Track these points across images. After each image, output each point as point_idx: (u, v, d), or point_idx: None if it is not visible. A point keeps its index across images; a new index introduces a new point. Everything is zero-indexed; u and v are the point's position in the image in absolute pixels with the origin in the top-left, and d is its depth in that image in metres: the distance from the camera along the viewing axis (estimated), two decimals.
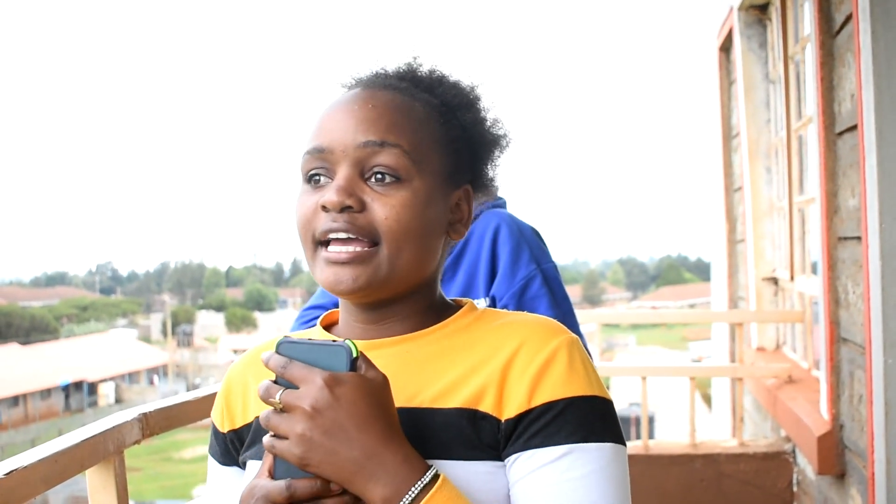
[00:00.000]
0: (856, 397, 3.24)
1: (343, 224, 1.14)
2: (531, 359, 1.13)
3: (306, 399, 1.02)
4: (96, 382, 54.99)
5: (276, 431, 1.04)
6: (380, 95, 1.20)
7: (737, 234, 6.54)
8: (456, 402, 1.13)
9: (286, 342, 1.06)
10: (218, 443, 1.31)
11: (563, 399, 1.11)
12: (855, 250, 3.20)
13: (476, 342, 1.19)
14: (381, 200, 1.14)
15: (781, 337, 5.55)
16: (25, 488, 1.70)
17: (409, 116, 1.19)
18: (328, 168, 1.17)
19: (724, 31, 6.30)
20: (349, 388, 1.03)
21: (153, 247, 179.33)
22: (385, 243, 1.14)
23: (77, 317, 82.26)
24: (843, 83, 3.32)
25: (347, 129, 1.16)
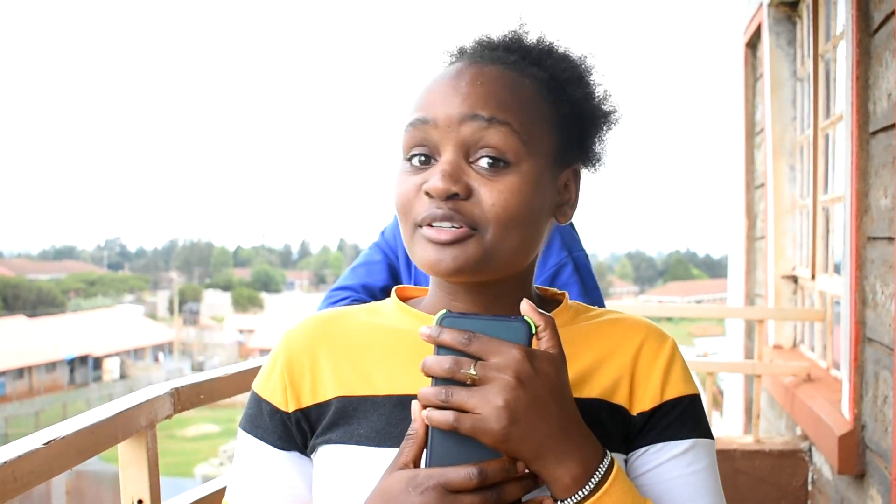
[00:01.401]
0: (880, 398, 3.23)
1: (447, 212, 1.08)
2: (656, 356, 1.16)
3: (508, 370, 0.95)
4: (101, 357, 55.16)
5: (464, 407, 0.94)
6: (487, 72, 1.13)
7: (756, 231, 6.52)
8: (594, 391, 1.13)
9: (451, 316, 0.99)
10: (275, 424, 1.18)
11: (687, 395, 1.16)
12: (885, 251, 3.18)
13: (591, 335, 1.18)
14: (488, 186, 1.08)
15: (799, 335, 5.53)
16: (62, 459, 1.70)
17: (518, 94, 1.12)
18: (431, 145, 1.11)
19: (751, 27, 6.26)
20: (546, 361, 0.98)
21: (162, 224, 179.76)
22: (490, 230, 1.09)
23: (84, 291, 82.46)
24: (878, 82, 3.29)
25: (453, 103, 1.10)
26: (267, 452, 1.19)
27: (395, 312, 1.23)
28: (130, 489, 2.03)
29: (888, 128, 3.13)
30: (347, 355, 1.18)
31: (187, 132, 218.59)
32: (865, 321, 3.44)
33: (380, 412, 1.13)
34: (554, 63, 1.18)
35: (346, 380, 1.16)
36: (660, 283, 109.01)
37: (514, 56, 1.16)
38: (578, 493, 0.98)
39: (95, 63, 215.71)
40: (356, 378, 1.16)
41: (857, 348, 3.49)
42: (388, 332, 1.20)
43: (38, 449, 1.61)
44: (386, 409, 1.13)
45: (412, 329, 1.13)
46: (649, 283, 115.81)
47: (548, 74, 1.17)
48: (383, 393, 1.14)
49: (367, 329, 1.21)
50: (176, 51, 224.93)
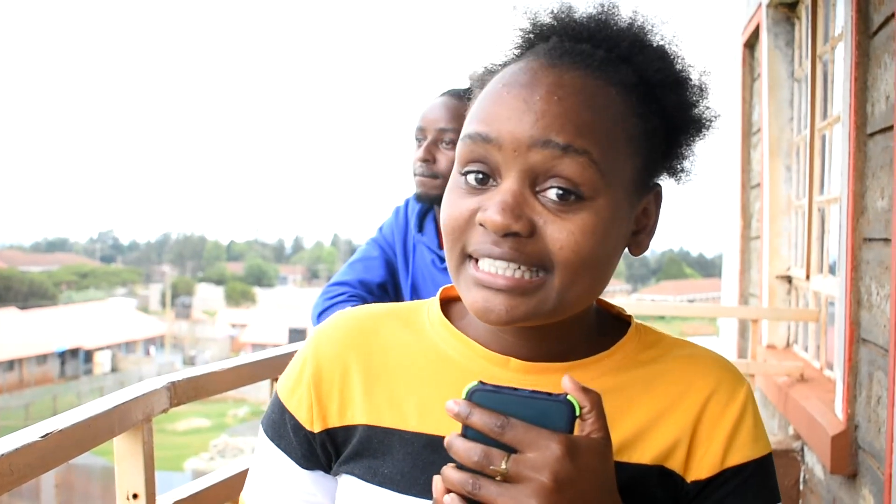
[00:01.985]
0: (874, 398, 3.23)
1: (506, 251, 0.92)
2: (723, 412, 1.01)
3: (545, 470, 0.81)
4: (93, 350, 55.05)
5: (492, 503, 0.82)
6: (567, 81, 0.93)
7: (751, 231, 6.53)
8: (645, 456, 0.99)
9: (482, 390, 0.85)
10: (299, 441, 1.08)
11: (753, 461, 1.01)
12: (881, 252, 3.19)
13: (655, 379, 1.03)
14: (556, 224, 0.92)
15: (792, 335, 5.54)
16: (60, 451, 1.70)
17: (602, 112, 0.93)
18: (492, 165, 0.94)
19: (750, 27, 6.27)
20: (589, 455, 0.84)
21: (155, 217, 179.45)
22: (558, 274, 0.93)
23: (76, 284, 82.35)
24: (877, 84, 3.30)
25: (523, 123, 0.92)
26: (290, 468, 1.09)
27: (438, 328, 1.09)
28: (126, 483, 2.03)
29: (886, 129, 3.13)
30: (380, 375, 1.06)
31: (182, 125, 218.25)
32: (860, 322, 3.44)
33: (407, 451, 1.01)
34: (646, 61, 0.98)
35: (376, 405, 1.05)
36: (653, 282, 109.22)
37: (601, 51, 0.97)
38: None
39: (89, 56, 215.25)
40: (387, 405, 1.04)
41: (851, 349, 3.50)
42: (429, 354, 1.06)
43: (34, 442, 1.61)
44: (414, 449, 1.01)
45: (455, 356, 1.04)
46: (642, 282, 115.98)
47: (638, 76, 0.98)
48: (413, 429, 1.02)
49: (406, 345, 1.08)
50: (170, 44, 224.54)
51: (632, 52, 0.98)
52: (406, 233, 2.76)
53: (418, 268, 2.70)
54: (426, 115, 2.55)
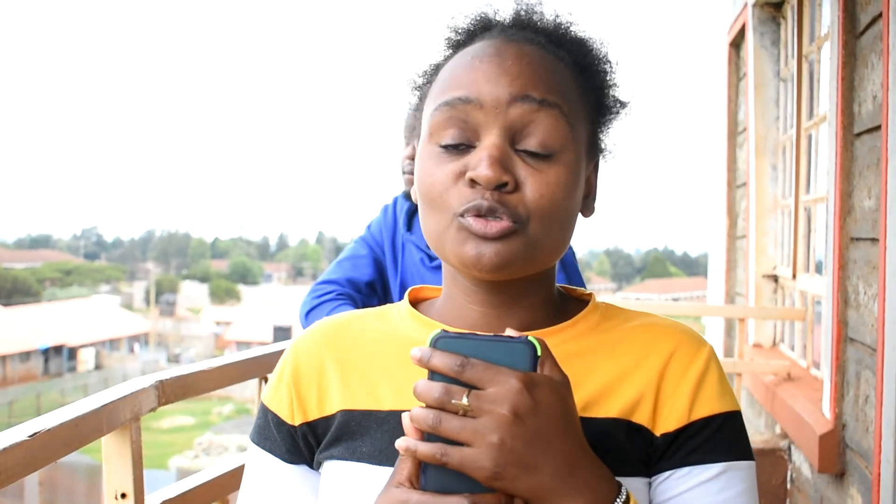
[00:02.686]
0: (861, 397, 3.24)
1: (494, 204, 0.98)
2: (686, 368, 1.05)
3: (504, 403, 0.84)
4: (76, 347, 54.79)
5: (455, 437, 0.85)
6: (529, 51, 1.04)
7: (737, 230, 6.55)
8: (611, 411, 1.03)
9: (446, 336, 0.89)
10: (283, 437, 1.12)
11: (720, 414, 1.04)
12: (868, 251, 3.20)
13: (616, 344, 1.08)
14: (536, 177, 1.00)
15: (779, 334, 5.56)
16: (47, 451, 1.69)
17: (561, 76, 1.04)
18: (471, 128, 1.02)
19: (736, 26, 6.29)
20: (547, 390, 0.87)
21: (139, 214, 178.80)
22: (533, 224, 1.01)
23: (60, 281, 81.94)
24: (864, 84, 3.31)
25: (501, 83, 1.00)
26: (275, 466, 1.13)
27: (406, 318, 1.15)
28: (114, 483, 2.02)
29: (873, 129, 3.14)
30: (354, 365, 1.12)
31: (166, 122, 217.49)
32: (847, 321, 3.45)
33: (383, 429, 1.06)
34: (574, 47, 1.10)
35: (352, 392, 1.10)
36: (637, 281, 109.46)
37: (541, 37, 1.08)
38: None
39: (74, 52, 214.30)
40: (361, 391, 1.09)
41: (838, 348, 3.51)
42: (397, 340, 1.12)
43: (23, 441, 1.60)
44: (390, 427, 1.05)
45: (421, 339, 1.07)
46: (627, 281, 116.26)
47: (571, 58, 1.09)
48: (388, 408, 1.07)
49: (376, 337, 1.14)
50: (154, 41, 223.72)
51: (562, 39, 1.09)
52: (395, 231, 2.76)
53: (407, 266, 2.70)
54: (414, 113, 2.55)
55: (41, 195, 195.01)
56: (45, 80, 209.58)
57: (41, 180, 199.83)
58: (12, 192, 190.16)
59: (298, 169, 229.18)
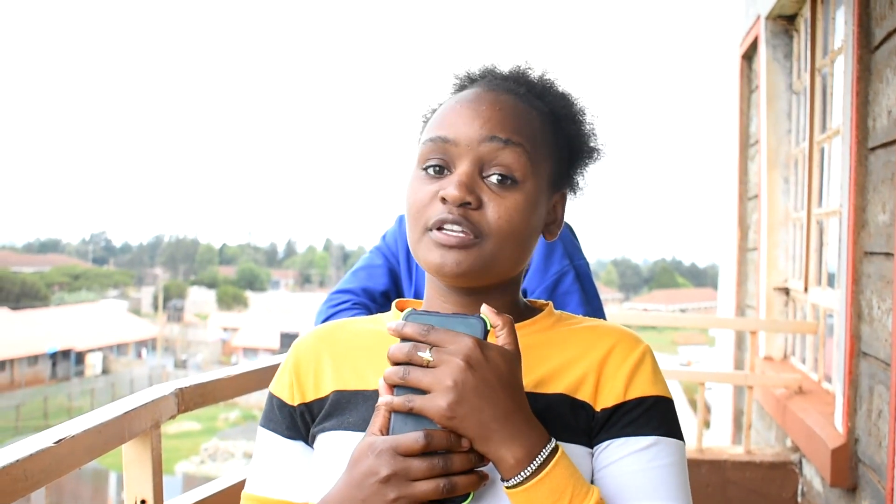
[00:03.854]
0: (874, 412, 3.25)
1: (458, 217, 1.20)
2: (624, 357, 1.24)
3: (459, 354, 1.06)
4: (84, 352, 54.85)
5: (417, 384, 1.07)
6: (503, 99, 1.26)
7: (748, 243, 6.55)
8: (557, 388, 1.23)
9: (415, 313, 1.11)
10: (283, 416, 1.32)
11: (652, 396, 1.23)
12: (882, 266, 3.21)
13: (567, 339, 1.29)
14: (496, 201, 1.21)
15: (790, 347, 5.56)
16: (71, 458, 1.70)
17: (529, 121, 1.26)
18: (448, 160, 1.24)
19: (748, 39, 6.29)
20: (497, 353, 1.09)
21: (148, 219, 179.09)
22: (491, 240, 1.21)
23: (68, 285, 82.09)
24: (878, 98, 3.32)
25: (473, 125, 1.23)
26: (278, 442, 1.32)
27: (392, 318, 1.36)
28: (134, 489, 2.03)
29: (888, 144, 3.15)
30: (347, 356, 1.32)
31: (176, 128, 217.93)
32: (861, 335, 3.46)
33: (369, 403, 1.24)
34: (554, 99, 1.32)
35: (343, 376, 1.30)
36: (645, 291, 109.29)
37: (522, 88, 1.30)
38: (521, 473, 1.08)
39: (84, 56, 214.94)
40: (352, 375, 1.29)
41: (851, 362, 3.51)
42: (384, 336, 1.26)
43: (48, 448, 1.61)
44: (374, 401, 1.21)
45: None
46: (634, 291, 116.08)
47: (549, 109, 1.31)
48: (373, 388, 1.24)
49: (367, 334, 1.35)
50: (164, 47, 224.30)
51: (544, 93, 1.32)
52: None
53: (421, 276, 2.70)
54: None
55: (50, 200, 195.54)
56: (55, 84, 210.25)
57: (50, 185, 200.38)
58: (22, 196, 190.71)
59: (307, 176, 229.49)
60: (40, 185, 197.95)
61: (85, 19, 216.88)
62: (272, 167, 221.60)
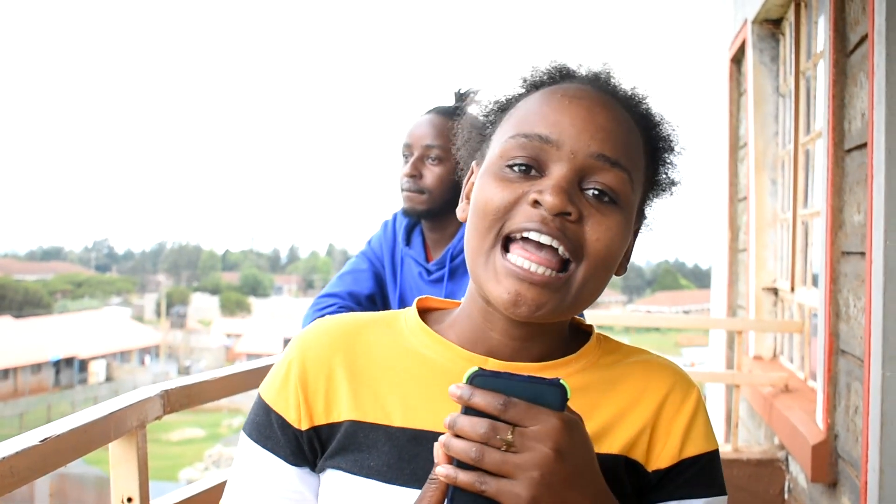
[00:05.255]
0: (852, 408, 3.31)
1: (554, 229, 1.03)
2: (678, 409, 1.13)
3: (548, 440, 0.89)
4: (87, 359, 54.92)
5: (496, 470, 0.89)
6: (617, 112, 1.10)
7: (739, 244, 6.61)
8: (613, 447, 1.09)
9: (482, 375, 0.92)
10: (287, 439, 1.13)
11: (706, 453, 1.12)
12: (858, 265, 3.27)
13: (616, 381, 1.15)
14: (596, 218, 1.05)
15: (779, 346, 5.62)
16: (57, 456, 1.77)
17: (635, 144, 1.10)
18: (541, 161, 1.06)
19: (736, 42, 6.36)
20: (582, 431, 0.94)
21: (150, 226, 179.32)
22: (585, 264, 1.05)
23: (71, 293, 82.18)
24: (854, 101, 3.38)
25: (584, 130, 1.05)
26: (278, 466, 1.14)
27: (417, 334, 1.17)
28: (120, 487, 2.10)
29: (862, 146, 3.22)
30: (364, 375, 1.13)
31: (177, 134, 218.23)
32: (839, 333, 3.52)
33: (392, 444, 1.08)
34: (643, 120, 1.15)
35: (361, 403, 1.12)
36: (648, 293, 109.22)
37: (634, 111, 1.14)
38: None
39: (85, 63, 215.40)
40: (371, 403, 1.11)
41: (830, 360, 3.58)
42: (410, 356, 1.14)
43: (34, 446, 1.68)
44: (399, 443, 1.08)
45: (436, 357, 1.13)
46: (637, 293, 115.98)
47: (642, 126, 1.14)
48: (398, 424, 1.09)
49: (387, 348, 1.16)
50: (165, 53, 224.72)
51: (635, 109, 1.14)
52: (394, 246, 2.83)
53: (406, 280, 2.77)
54: (413, 131, 2.62)
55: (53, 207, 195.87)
56: (56, 92, 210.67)
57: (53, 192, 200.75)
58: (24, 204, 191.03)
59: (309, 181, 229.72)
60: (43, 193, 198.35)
61: (83, 24, 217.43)
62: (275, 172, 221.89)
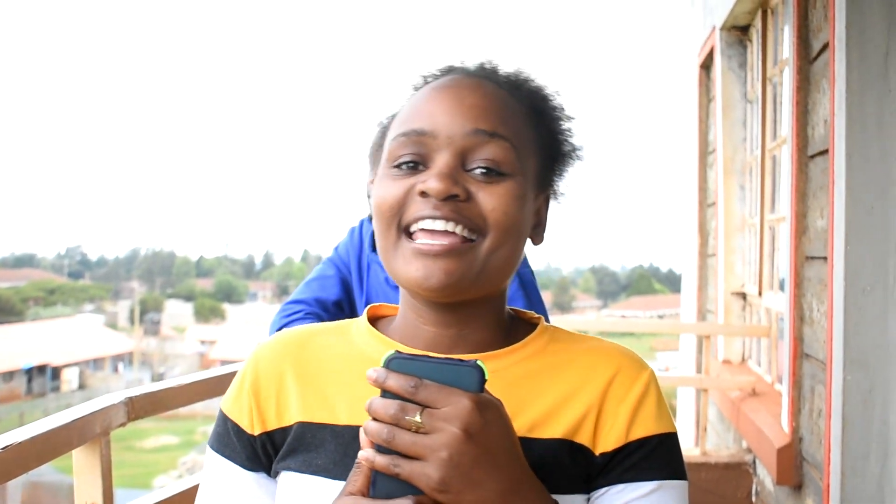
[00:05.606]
0: (815, 411, 3.35)
1: (447, 213, 1.06)
2: (626, 391, 1.12)
3: (456, 421, 0.90)
4: (60, 367, 54.47)
5: (406, 451, 0.91)
6: (485, 85, 1.13)
7: (708, 249, 6.67)
8: (556, 431, 1.09)
9: (400, 358, 0.94)
10: (242, 445, 1.17)
11: (656, 435, 1.11)
12: (821, 269, 3.31)
13: (563, 367, 1.14)
14: (487, 190, 1.07)
15: (747, 351, 5.67)
16: (19, 463, 1.77)
17: (514, 111, 1.13)
18: (424, 155, 1.09)
19: (705, 49, 6.42)
20: (496, 413, 0.94)
21: (124, 232, 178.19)
22: (490, 235, 1.07)
23: (44, 300, 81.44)
24: (817, 108, 3.43)
25: (456, 114, 1.09)
26: (235, 473, 1.17)
27: (364, 336, 1.20)
28: (84, 494, 2.11)
29: (825, 152, 3.26)
30: (313, 380, 1.16)
31: (151, 140, 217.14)
32: (803, 337, 3.57)
33: (338, 442, 1.10)
34: (531, 93, 1.18)
35: (309, 405, 1.14)
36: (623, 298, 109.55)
37: (502, 78, 1.18)
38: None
39: (57, 67, 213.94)
40: (319, 404, 1.14)
41: (794, 363, 3.62)
42: (354, 357, 1.17)
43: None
44: (345, 440, 1.10)
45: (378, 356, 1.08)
46: (612, 298, 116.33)
47: (528, 102, 1.17)
48: (343, 423, 1.11)
49: (335, 353, 1.18)
50: (138, 60, 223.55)
51: (520, 85, 1.18)
52: (360, 252, 2.84)
53: (372, 286, 2.79)
54: None
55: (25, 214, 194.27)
56: (27, 98, 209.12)
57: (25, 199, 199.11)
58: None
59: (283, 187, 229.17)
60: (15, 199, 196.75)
61: (56, 30, 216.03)
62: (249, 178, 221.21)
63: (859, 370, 2.78)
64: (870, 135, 2.75)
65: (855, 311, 2.80)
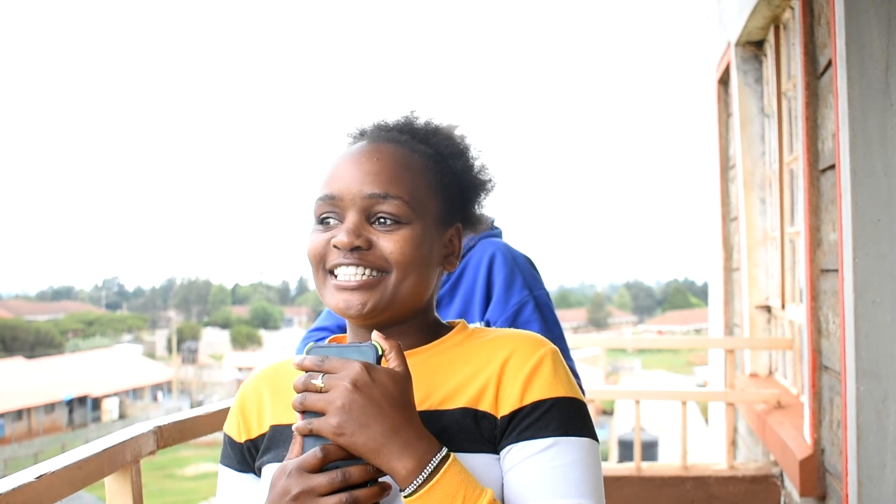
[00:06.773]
0: (835, 422, 3.38)
1: (353, 260, 1.33)
2: (522, 364, 1.32)
3: (347, 378, 1.19)
4: (100, 398, 55.06)
5: (313, 408, 1.19)
6: (383, 149, 1.38)
7: (733, 263, 6.69)
8: (460, 402, 1.32)
9: (315, 347, 1.25)
10: (234, 453, 1.46)
11: (550, 399, 1.30)
12: (835, 282, 3.35)
13: (472, 353, 1.37)
14: (386, 237, 1.33)
15: (774, 364, 5.69)
16: (52, 491, 1.86)
17: (408, 168, 1.37)
18: (338, 212, 1.36)
19: (722, 64, 6.47)
20: (383, 373, 1.21)
21: (160, 263, 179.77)
22: (394, 272, 1.33)
23: (82, 331, 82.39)
24: (825, 123, 3.48)
25: (354, 180, 1.35)
26: (232, 475, 1.47)
27: None
28: None
29: (834, 167, 3.31)
30: (283, 394, 1.43)
31: (184, 170, 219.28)
32: (821, 349, 3.60)
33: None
34: (439, 140, 1.44)
35: (279, 412, 1.43)
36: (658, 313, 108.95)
37: (406, 136, 1.43)
38: (413, 482, 1.18)
39: (92, 101, 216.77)
40: (286, 410, 1.41)
41: (814, 375, 3.65)
42: None
43: (30, 483, 1.77)
44: None
45: None
46: (648, 313, 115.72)
47: (433, 150, 1.42)
48: None
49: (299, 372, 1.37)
50: (173, 92, 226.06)
51: (428, 136, 1.44)
52: None
53: None
54: None
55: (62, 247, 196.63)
56: (63, 131, 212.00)
57: (61, 232, 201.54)
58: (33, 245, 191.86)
59: None
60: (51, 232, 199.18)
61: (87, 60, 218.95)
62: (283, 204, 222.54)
63: (872, 380, 2.82)
64: (874, 149, 2.81)
65: (866, 322, 2.84)
